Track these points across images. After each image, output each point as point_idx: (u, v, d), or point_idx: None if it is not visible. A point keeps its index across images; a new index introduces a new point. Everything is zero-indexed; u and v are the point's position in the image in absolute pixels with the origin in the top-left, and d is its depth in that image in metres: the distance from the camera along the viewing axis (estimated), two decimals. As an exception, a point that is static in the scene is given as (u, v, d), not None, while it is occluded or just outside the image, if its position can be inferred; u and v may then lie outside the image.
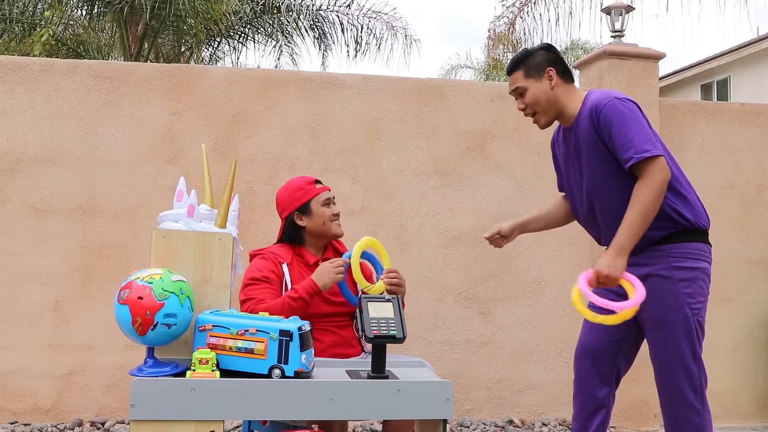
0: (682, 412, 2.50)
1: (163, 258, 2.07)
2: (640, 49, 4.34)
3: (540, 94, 2.58)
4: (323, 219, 2.76)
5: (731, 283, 4.43)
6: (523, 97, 2.61)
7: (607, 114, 2.43)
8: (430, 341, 4.15)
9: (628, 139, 2.39)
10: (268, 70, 4.50)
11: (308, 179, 2.83)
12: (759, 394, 4.46)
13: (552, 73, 2.57)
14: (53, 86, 3.92)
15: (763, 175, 4.53)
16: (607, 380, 2.67)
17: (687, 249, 2.49)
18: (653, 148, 2.38)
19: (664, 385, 2.53)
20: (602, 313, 2.41)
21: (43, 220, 3.88)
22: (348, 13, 10.79)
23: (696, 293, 2.47)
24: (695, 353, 2.48)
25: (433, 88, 4.26)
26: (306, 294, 2.51)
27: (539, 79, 2.58)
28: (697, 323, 2.48)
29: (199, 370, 1.87)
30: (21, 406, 3.84)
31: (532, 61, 2.60)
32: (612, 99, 2.45)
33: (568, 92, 2.60)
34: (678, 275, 2.47)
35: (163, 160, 3.98)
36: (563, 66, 2.62)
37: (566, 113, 2.60)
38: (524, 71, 2.60)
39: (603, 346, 2.66)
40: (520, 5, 10.84)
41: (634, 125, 2.41)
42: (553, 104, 2.59)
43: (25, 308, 3.85)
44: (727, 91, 16.03)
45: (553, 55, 2.63)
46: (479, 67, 18.74)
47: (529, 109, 2.62)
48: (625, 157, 2.40)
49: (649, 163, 2.37)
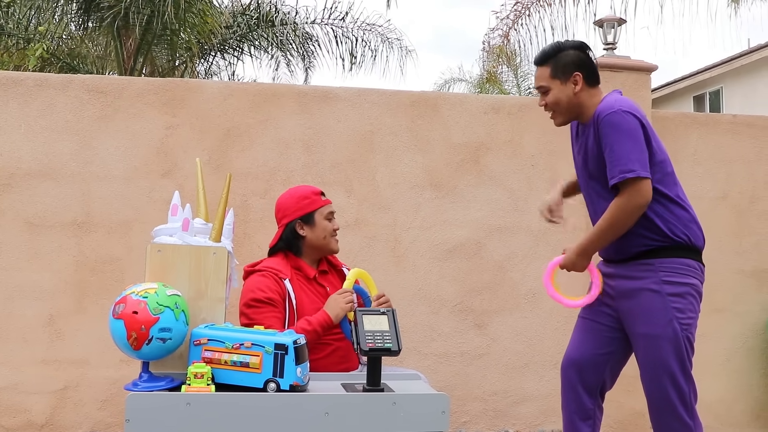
0: (672, 427, 2.50)
1: (157, 272, 2.07)
2: (632, 62, 4.37)
3: (563, 97, 2.58)
4: (325, 233, 2.75)
5: (725, 293, 4.44)
6: (545, 95, 2.61)
7: (605, 126, 2.44)
8: (425, 354, 4.15)
9: (617, 156, 2.41)
10: (262, 84, 4.52)
11: (314, 189, 2.81)
12: (753, 404, 4.47)
13: (578, 78, 2.56)
14: (47, 101, 3.92)
15: (756, 186, 4.55)
16: (592, 392, 2.68)
17: (677, 264, 2.49)
18: (640, 168, 2.38)
19: (653, 400, 2.53)
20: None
21: (38, 234, 3.87)
22: (343, 26, 10.84)
23: (686, 309, 2.47)
24: (684, 368, 2.47)
25: (427, 101, 4.28)
26: (320, 327, 2.50)
27: (564, 83, 2.57)
28: (686, 339, 2.47)
29: (194, 384, 1.87)
30: (15, 422, 3.81)
31: (561, 59, 2.57)
32: (615, 110, 2.44)
33: (591, 96, 2.59)
34: (667, 289, 2.47)
35: (158, 174, 3.99)
36: (591, 69, 2.59)
37: (585, 115, 2.60)
38: (551, 70, 2.58)
39: (591, 359, 2.67)
40: (514, 17, 10.90)
41: (628, 142, 2.40)
42: (574, 108, 2.59)
43: (19, 323, 3.84)
44: (720, 103, 16.12)
45: (584, 56, 2.59)
46: (472, 80, 18.85)
47: (549, 108, 2.63)
48: (610, 174, 2.43)
49: (631, 184, 2.39)
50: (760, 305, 4.48)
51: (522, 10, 10.72)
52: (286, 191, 2.84)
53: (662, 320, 2.46)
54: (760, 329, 4.47)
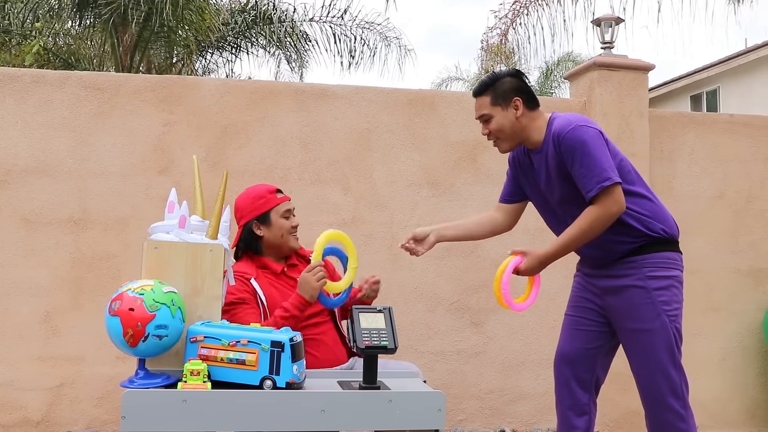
0: (666, 419, 2.55)
1: (154, 269, 2.07)
2: (629, 61, 4.38)
3: (505, 123, 2.62)
4: (281, 231, 2.73)
5: (721, 292, 4.46)
6: (488, 123, 2.66)
7: (568, 143, 2.48)
8: (421, 352, 4.15)
9: (587, 171, 2.45)
10: (259, 81, 4.52)
11: (270, 188, 2.78)
12: (749, 403, 4.48)
13: (519, 102, 2.60)
14: (44, 97, 3.91)
15: (752, 186, 4.56)
16: (586, 387, 2.75)
17: (659, 258, 2.56)
18: (614, 175, 2.44)
19: (646, 393, 2.59)
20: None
21: (34, 231, 3.87)
22: (341, 24, 10.82)
23: (671, 300, 2.54)
24: (675, 360, 2.53)
25: (424, 99, 4.28)
26: (295, 309, 2.49)
27: (506, 108, 2.61)
28: (675, 330, 2.54)
29: (190, 382, 1.87)
30: (11, 419, 3.81)
31: (500, 87, 2.62)
32: (573, 127, 2.49)
33: (532, 120, 2.63)
34: (652, 284, 2.53)
35: (155, 172, 3.98)
36: (529, 94, 2.65)
37: (531, 139, 2.64)
38: (491, 98, 2.62)
39: (581, 354, 2.74)
40: (512, 16, 10.91)
41: (594, 154, 2.45)
42: (518, 132, 2.63)
43: (15, 320, 3.83)
44: (717, 102, 16.14)
45: (520, 82, 2.65)
46: (470, 79, 18.86)
47: (493, 136, 2.68)
48: (587, 187, 2.46)
49: (606, 194, 2.44)
50: (756, 304, 4.49)
51: (520, 9, 10.73)
52: (243, 191, 2.82)
53: (650, 315, 2.52)
54: (756, 328, 4.48)
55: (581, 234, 2.48)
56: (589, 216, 2.46)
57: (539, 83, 18.13)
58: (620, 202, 2.45)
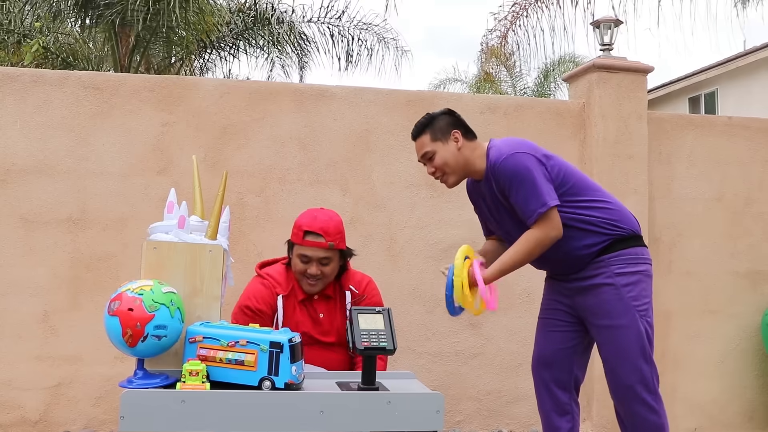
0: (638, 411, 2.62)
1: (153, 269, 2.07)
2: (628, 63, 4.38)
3: (448, 156, 2.69)
4: (296, 269, 2.73)
5: (719, 295, 4.46)
6: (432, 161, 2.73)
7: (502, 174, 2.56)
8: (420, 353, 4.15)
9: (524, 199, 2.53)
10: (258, 82, 4.52)
11: (307, 224, 2.70)
12: (747, 405, 4.48)
13: (458, 134, 2.69)
14: (43, 97, 3.91)
15: (751, 188, 4.57)
16: (566, 387, 2.82)
17: (625, 255, 2.63)
18: (549, 199, 2.50)
19: (617, 387, 2.65)
20: None
21: (33, 231, 3.86)
22: (339, 24, 10.83)
23: (640, 295, 2.60)
24: (645, 354, 2.59)
25: (423, 100, 4.28)
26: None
27: (446, 142, 2.69)
28: (647, 323, 2.60)
29: (189, 382, 1.87)
30: (8, 418, 3.81)
31: (437, 124, 2.70)
32: (505, 157, 2.55)
33: (473, 150, 2.70)
34: (621, 281, 2.59)
35: (154, 172, 3.98)
36: (466, 127, 2.73)
37: (475, 169, 2.71)
38: (430, 135, 2.71)
39: (558, 355, 2.80)
40: (512, 18, 10.92)
41: (527, 182, 2.52)
42: (461, 164, 2.70)
43: (14, 320, 3.83)
44: (715, 104, 16.17)
45: (455, 118, 2.74)
46: (468, 80, 18.88)
47: (439, 172, 2.74)
48: (526, 215, 2.54)
49: (543, 220, 2.52)
50: (754, 307, 4.49)
51: (520, 11, 10.74)
52: (306, 211, 2.80)
53: (621, 311, 2.59)
54: (754, 331, 4.48)
55: (521, 257, 2.57)
56: (528, 240, 2.54)
57: (537, 84, 18.16)
58: (557, 225, 2.53)
